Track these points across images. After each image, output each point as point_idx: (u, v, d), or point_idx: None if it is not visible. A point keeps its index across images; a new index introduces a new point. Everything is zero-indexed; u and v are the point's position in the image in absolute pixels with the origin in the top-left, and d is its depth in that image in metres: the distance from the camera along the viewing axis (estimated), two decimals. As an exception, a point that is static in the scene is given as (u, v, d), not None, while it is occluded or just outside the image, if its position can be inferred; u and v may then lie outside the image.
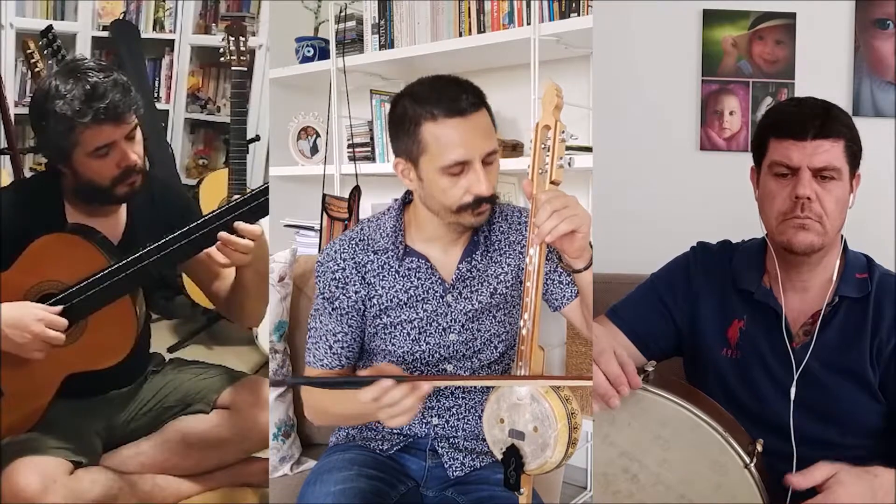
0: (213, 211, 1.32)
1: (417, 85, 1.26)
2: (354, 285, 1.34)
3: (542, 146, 1.07)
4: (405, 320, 1.33)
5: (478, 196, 1.22)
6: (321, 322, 1.37)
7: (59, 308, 1.32)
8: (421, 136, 1.21)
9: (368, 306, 1.35)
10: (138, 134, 1.41)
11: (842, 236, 1.30)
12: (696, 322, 1.37)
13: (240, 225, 1.30)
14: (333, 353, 1.36)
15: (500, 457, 1.09)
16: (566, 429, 1.04)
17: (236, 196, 2.11)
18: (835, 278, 1.28)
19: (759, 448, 1.13)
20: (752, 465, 1.11)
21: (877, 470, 1.11)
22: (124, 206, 1.50)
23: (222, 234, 1.30)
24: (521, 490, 1.09)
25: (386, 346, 1.35)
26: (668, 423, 1.15)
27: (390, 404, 1.07)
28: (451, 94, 1.21)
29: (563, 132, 1.05)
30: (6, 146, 2.45)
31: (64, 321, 1.31)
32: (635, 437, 1.17)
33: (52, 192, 1.44)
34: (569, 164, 1.07)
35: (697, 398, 1.18)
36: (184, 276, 2.17)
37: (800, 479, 1.09)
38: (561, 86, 1.09)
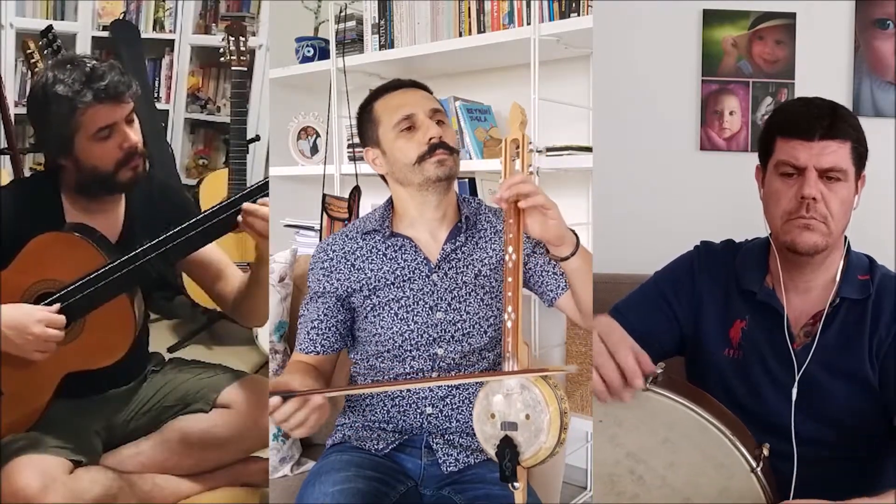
0: (211, 208, 1.33)
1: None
2: (340, 273, 1.41)
3: (512, 158, 1.21)
4: (392, 299, 1.38)
5: (431, 140, 1.34)
6: (307, 310, 1.44)
7: (58, 307, 1.32)
8: (374, 114, 1.40)
9: (356, 290, 1.39)
10: (136, 119, 1.43)
11: (845, 237, 1.30)
12: (699, 322, 1.37)
13: (247, 205, 1.30)
14: (310, 340, 1.42)
15: (493, 452, 1.10)
16: (557, 413, 1.06)
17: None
18: (837, 279, 1.27)
19: (766, 452, 1.13)
20: (759, 469, 1.10)
21: (889, 497, 1.10)
22: (123, 205, 1.50)
23: (246, 205, 1.29)
24: (517, 484, 1.10)
25: (375, 328, 1.39)
26: (676, 425, 1.15)
27: (282, 420, 1.13)
28: (395, 81, 1.44)
29: (530, 143, 1.20)
30: (6, 146, 2.45)
31: (63, 319, 1.31)
32: (642, 439, 1.17)
33: (51, 191, 1.44)
34: (536, 171, 1.20)
35: (705, 400, 1.18)
36: (184, 275, 2.18)
37: None
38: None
